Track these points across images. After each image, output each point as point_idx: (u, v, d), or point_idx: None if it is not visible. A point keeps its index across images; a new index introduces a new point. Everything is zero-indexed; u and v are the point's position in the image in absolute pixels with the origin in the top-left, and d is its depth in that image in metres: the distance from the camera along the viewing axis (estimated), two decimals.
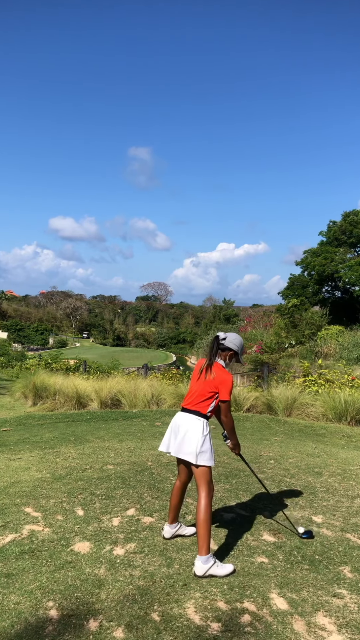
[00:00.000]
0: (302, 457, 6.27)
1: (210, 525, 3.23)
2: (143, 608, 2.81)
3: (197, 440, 3.30)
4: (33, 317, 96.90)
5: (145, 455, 6.12)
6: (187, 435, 3.34)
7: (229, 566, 3.22)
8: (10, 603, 2.86)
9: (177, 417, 3.50)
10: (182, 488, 3.64)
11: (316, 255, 38.49)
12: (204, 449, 3.30)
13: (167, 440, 3.52)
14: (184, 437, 3.35)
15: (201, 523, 3.21)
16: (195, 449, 3.29)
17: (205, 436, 3.33)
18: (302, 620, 2.75)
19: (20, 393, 11.98)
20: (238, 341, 3.54)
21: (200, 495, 3.28)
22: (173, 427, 3.50)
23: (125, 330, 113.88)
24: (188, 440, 3.33)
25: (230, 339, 3.52)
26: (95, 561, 3.34)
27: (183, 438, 3.35)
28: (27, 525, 3.91)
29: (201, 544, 3.18)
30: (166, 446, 3.53)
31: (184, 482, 3.62)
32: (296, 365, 15.38)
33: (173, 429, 3.49)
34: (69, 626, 2.65)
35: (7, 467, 5.56)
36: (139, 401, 10.49)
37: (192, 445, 3.31)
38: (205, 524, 3.20)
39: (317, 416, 9.26)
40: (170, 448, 3.48)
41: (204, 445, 3.30)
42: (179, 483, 3.64)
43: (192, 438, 3.32)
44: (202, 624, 2.68)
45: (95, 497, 4.53)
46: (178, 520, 3.72)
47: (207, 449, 3.31)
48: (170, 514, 3.68)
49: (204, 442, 3.31)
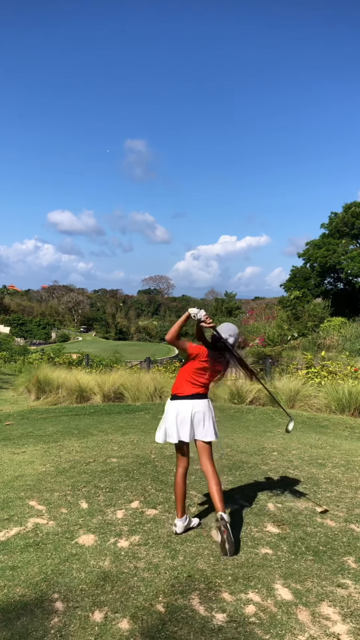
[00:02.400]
0: (306, 449, 6.28)
1: None
2: (148, 599, 2.82)
3: (214, 420, 3.69)
4: (35, 311, 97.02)
5: (148, 448, 6.13)
6: (210, 417, 3.64)
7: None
8: (16, 595, 2.87)
9: (195, 404, 3.61)
10: (186, 474, 3.71)
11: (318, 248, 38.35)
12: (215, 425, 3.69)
13: (187, 430, 3.57)
14: (205, 419, 3.61)
15: (220, 484, 3.52)
16: (215, 427, 3.65)
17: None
18: (307, 610, 2.76)
19: (23, 387, 12.01)
20: (222, 326, 3.72)
21: (212, 463, 3.60)
22: (194, 415, 3.59)
23: (128, 324, 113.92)
24: (210, 421, 3.63)
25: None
26: (99, 553, 3.36)
27: (204, 420, 3.61)
28: (32, 518, 3.93)
29: (223, 502, 3.45)
30: (189, 435, 3.58)
31: (186, 467, 3.70)
32: (299, 358, 15.36)
33: (193, 417, 3.58)
34: (75, 618, 2.66)
35: (11, 461, 5.58)
36: (141, 394, 10.50)
37: (212, 426, 3.63)
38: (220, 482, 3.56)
39: (320, 408, 9.26)
40: (197, 436, 3.61)
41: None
42: (182, 470, 3.67)
43: (213, 418, 3.67)
44: (206, 614, 2.69)
45: (99, 490, 4.54)
46: (185, 513, 3.73)
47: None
48: (179, 507, 3.67)
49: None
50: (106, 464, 5.43)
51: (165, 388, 10.72)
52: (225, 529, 3.30)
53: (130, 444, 6.42)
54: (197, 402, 3.61)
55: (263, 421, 8.24)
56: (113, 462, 5.48)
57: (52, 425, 7.80)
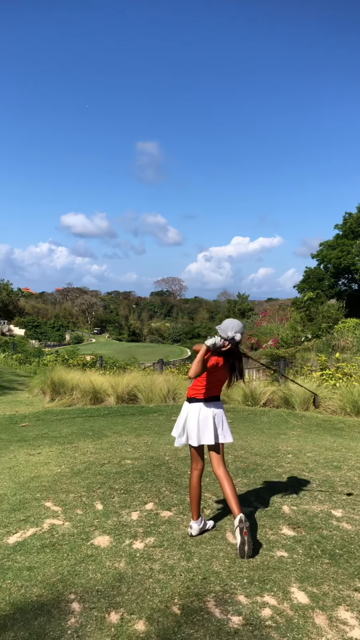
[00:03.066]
0: (321, 451, 6.23)
1: None
2: (163, 601, 2.83)
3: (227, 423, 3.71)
4: (50, 313, 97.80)
5: (162, 450, 6.14)
6: (225, 420, 3.69)
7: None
8: (33, 595, 2.90)
9: (215, 407, 3.64)
10: (201, 476, 3.72)
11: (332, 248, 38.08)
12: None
13: (211, 432, 3.58)
14: (224, 422, 3.66)
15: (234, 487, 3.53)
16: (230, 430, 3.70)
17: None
18: (324, 614, 2.74)
19: (38, 389, 12.11)
20: (223, 324, 3.57)
21: (225, 468, 3.62)
22: (214, 417, 3.60)
23: (140, 326, 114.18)
24: (226, 423, 3.69)
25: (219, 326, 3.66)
26: (115, 555, 3.37)
27: (223, 423, 3.66)
28: (48, 519, 3.96)
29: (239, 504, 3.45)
30: (213, 438, 3.58)
31: (202, 469, 3.71)
32: (313, 359, 15.24)
33: (215, 419, 3.60)
34: (91, 618, 2.68)
35: (27, 462, 5.63)
36: (155, 396, 10.52)
37: (228, 428, 3.68)
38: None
39: (335, 410, 9.18)
40: (219, 439, 3.63)
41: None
42: (198, 472, 3.68)
43: (226, 422, 3.70)
44: (222, 617, 2.68)
45: (114, 492, 4.56)
46: (200, 515, 3.73)
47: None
48: (194, 509, 3.67)
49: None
50: (120, 465, 5.45)
51: (179, 390, 10.72)
52: (246, 530, 3.29)
53: (144, 445, 6.43)
54: (217, 405, 3.65)
55: (277, 423, 8.20)
56: (127, 464, 5.50)
57: (66, 427, 7.86)
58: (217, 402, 3.67)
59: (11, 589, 2.97)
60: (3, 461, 5.74)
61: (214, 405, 3.64)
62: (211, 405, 3.62)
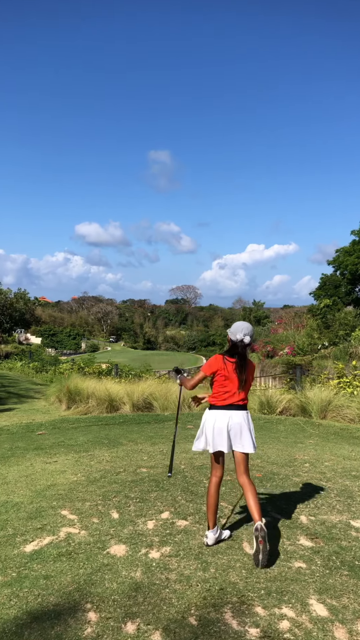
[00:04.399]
0: (339, 460, 6.14)
1: None
2: (180, 612, 2.80)
3: (253, 432, 3.62)
4: (66, 322, 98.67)
5: (178, 459, 6.12)
6: (248, 429, 3.58)
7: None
8: (50, 604, 2.90)
9: (233, 415, 3.57)
10: (219, 485, 3.68)
11: (349, 254, 37.77)
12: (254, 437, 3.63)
13: (225, 440, 3.54)
14: (243, 432, 3.56)
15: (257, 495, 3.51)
16: (253, 440, 3.59)
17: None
18: (344, 627, 2.68)
19: (54, 397, 12.19)
20: (232, 327, 3.67)
21: (248, 477, 3.57)
22: (231, 426, 3.55)
23: (155, 334, 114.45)
24: (248, 433, 3.57)
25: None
26: (131, 564, 3.36)
27: (242, 433, 3.56)
28: (64, 527, 3.97)
29: (260, 512, 3.42)
30: (227, 446, 3.55)
31: (221, 477, 3.67)
32: (330, 367, 15.08)
33: (232, 427, 3.55)
34: (107, 628, 2.66)
35: (44, 470, 5.67)
36: (170, 404, 10.51)
37: (250, 438, 3.57)
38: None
39: (353, 418, 9.05)
40: (235, 447, 3.58)
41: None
42: (216, 480, 3.65)
43: (251, 431, 3.60)
44: (239, 629, 2.65)
45: (130, 500, 4.56)
46: (216, 524, 3.71)
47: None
48: (210, 518, 3.63)
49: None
50: (136, 474, 5.44)
51: None
52: (262, 540, 3.26)
53: (159, 453, 6.42)
54: (235, 413, 3.58)
55: (294, 432, 8.11)
56: (143, 472, 5.49)
57: (82, 435, 7.89)
58: (236, 411, 3.58)
59: (28, 598, 2.98)
60: (20, 469, 5.78)
61: (233, 413, 3.57)
62: (229, 413, 3.57)
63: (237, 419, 3.57)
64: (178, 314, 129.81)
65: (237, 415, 3.58)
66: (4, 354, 37.75)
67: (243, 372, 3.57)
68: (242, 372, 3.57)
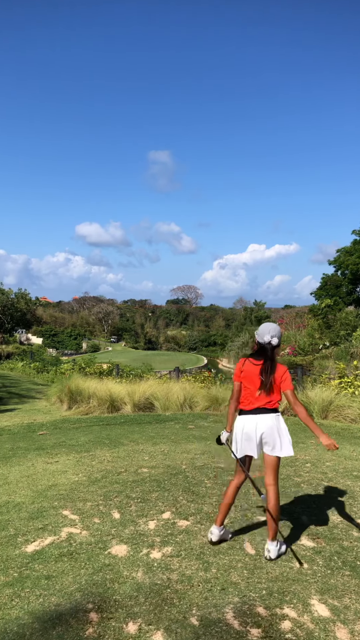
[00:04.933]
0: (340, 461, 6.13)
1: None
2: (181, 612, 2.80)
3: (286, 434, 3.49)
4: (67, 322, 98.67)
5: (179, 459, 6.12)
6: (279, 431, 3.47)
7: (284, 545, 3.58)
8: (52, 605, 2.90)
9: (260, 420, 3.48)
10: (239, 488, 3.63)
11: (350, 254, 37.74)
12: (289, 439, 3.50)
13: (254, 446, 3.47)
14: (281, 435, 3.46)
15: (277, 509, 3.44)
16: (288, 443, 3.47)
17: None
18: (345, 628, 2.68)
19: (55, 397, 12.19)
20: (259, 329, 3.63)
21: (274, 484, 3.49)
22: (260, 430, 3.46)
23: (157, 334, 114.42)
24: (284, 437, 3.47)
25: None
26: (132, 564, 3.36)
27: (279, 436, 3.46)
28: (65, 527, 3.97)
29: (275, 529, 3.41)
30: (256, 451, 3.48)
31: (243, 481, 3.62)
32: (331, 367, 15.08)
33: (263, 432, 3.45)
34: (109, 629, 2.66)
35: (45, 471, 5.67)
36: (171, 404, 10.50)
37: (283, 441, 3.46)
38: (278, 509, 3.46)
39: (355, 418, 9.04)
40: (266, 450, 3.50)
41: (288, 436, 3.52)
42: (237, 482, 3.61)
43: (283, 433, 3.48)
44: (241, 629, 2.65)
45: (131, 500, 4.56)
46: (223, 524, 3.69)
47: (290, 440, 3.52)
48: (220, 515, 3.62)
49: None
50: (137, 474, 5.44)
51: (195, 398, 10.69)
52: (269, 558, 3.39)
53: (161, 454, 6.42)
54: (262, 416, 3.47)
55: (295, 432, 8.10)
56: (144, 472, 5.49)
57: (84, 435, 7.89)
58: (265, 414, 3.47)
59: (30, 598, 2.98)
60: (21, 469, 5.79)
61: (260, 417, 3.47)
62: (256, 417, 3.48)
63: (266, 422, 3.46)
64: (179, 314, 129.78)
65: (266, 418, 3.47)
66: (6, 354, 37.78)
67: (270, 374, 3.46)
68: (268, 374, 3.46)
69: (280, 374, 3.50)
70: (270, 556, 3.40)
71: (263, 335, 3.53)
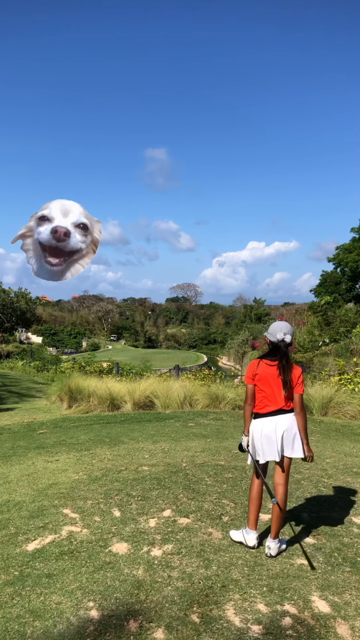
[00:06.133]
0: (340, 457, 6.14)
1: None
2: (182, 609, 2.81)
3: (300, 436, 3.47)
4: (66, 321, 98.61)
5: (179, 457, 6.12)
6: (297, 434, 3.44)
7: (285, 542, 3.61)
8: (52, 603, 2.90)
9: (280, 421, 3.43)
10: (262, 487, 3.59)
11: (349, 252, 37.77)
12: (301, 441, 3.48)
13: (275, 448, 3.42)
14: (295, 437, 3.43)
15: (284, 508, 3.48)
16: (300, 444, 3.44)
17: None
18: (346, 624, 2.69)
19: (56, 396, 12.20)
20: (270, 328, 3.57)
21: (283, 483, 3.52)
22: (280, 432, 3.41)
23: (156, 332, 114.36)
24: (298, 438, 3.44)
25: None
26: (133, 562, 3.36)
27: (294, 438, 3.43)
28: (66, 526, 3.97)
29: (278, 527, 3.43)
30: (278, 454, 3.43)
31: (263, 482, 3.56)
32: (331, 364, 15.09)
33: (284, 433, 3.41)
34: (110, 626, 2.67)
35: (45, 469, 5.67)
36: (172, 402, 10.51)
37: (299, 442, 3.44)
38: (284, 509, 3.51)
39: (355, 415, 9.05)
40: (286, 453, 3.45)
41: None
42: (258, 483, 3.58)
43: (298, 436, 3.45)
44: (242, 626, 2.65)
45: (132, 498, 4.56)
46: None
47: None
48: (253, 518, 3.58)
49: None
50: (138, 472, 5.44)
51: (195, 396, 10.70)
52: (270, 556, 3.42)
53: (161, 452, 6.42)
54: (281, 418, 3.44)
55: None
56: (144, 470, 5.49)
57: (84, 434, 7.89)
58: (281, 416, 3.43)
59: (30, 596, 2.98)
60: (22, 468, 5.79)
61: (279, 418, 3.43)
62: (275, 419, 3.43)
63: (286, 424, 3.42)
64: (179, 312, 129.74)
65: (285, 419, 3.43)
66: (5, 353, 37.78)
67: (288, 374, 3.41)
68: (286, 373, 3.41)
69: (296, 376, 3.45)
70: (270, 553, 3.41)
71: (275, 333, 3.45)
